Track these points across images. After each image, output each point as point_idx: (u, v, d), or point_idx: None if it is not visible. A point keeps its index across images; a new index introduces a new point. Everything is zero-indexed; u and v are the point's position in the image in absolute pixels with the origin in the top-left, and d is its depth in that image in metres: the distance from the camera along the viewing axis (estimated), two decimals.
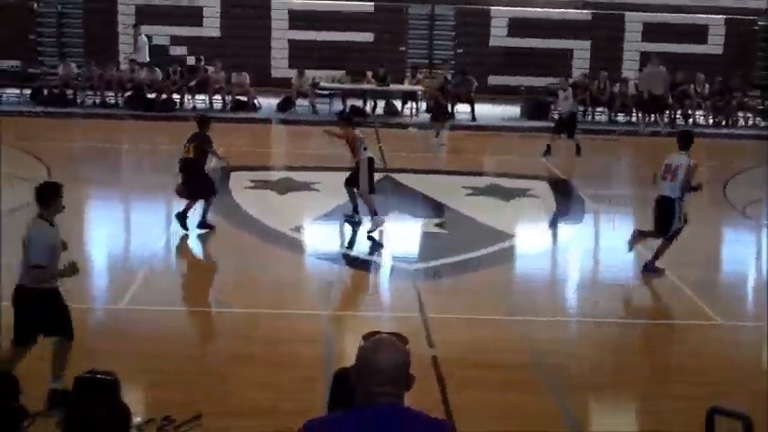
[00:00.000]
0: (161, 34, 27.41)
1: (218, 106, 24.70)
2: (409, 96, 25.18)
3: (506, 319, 9.94)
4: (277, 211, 13.58)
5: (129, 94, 24.46)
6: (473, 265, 11.97)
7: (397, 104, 25.21)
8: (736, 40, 28.69)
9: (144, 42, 25.74)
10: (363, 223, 13.17)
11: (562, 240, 14.27)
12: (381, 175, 16.43)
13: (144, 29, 26.65)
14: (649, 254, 11.51)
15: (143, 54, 25.46)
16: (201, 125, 12.86)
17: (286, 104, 24.78)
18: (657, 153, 21.66)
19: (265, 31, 28.02)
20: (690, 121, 25.16)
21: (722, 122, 25.17)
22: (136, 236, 13.28)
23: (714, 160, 21.36)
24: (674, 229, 11.19)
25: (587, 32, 28.41)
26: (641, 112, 24.34)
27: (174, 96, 24.55)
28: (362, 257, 12.28)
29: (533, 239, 13.92)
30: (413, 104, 25.05)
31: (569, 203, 16.07)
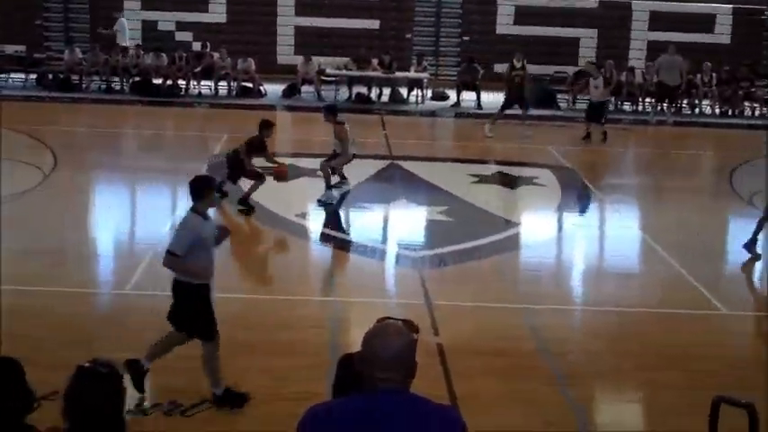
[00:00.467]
0: (167, 20, 27.38)
1: (223, 92, 24.66)
2: (415, 84, 25.11)
3: (511, 306, 9.92)
4: (282, 198, 13.56)
5: (135, 79, 24.45)
6: (478, 252, 11.96)
7: (403, 92, 25.14)
8: (744, 29, 28.52)
9: (123, 26, 25.57)
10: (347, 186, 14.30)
11: (567, 229, 14.24)
12: (386, 163, 16.42)
13: (150, 14, 26.52)
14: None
15: (121, 37, 25.36)
16: (261, 128, 13.29)
17: (291, 91, 24.74)
18: (665, 142, 21.87)
19: (271, 18, 27.88)
20: (696, 110, 25.09)
21: (729, 112, 25.06)
22: (140, 221, 13.24)
23: (720, 150, 21.37)
24: None
25: (594, 21, 28.27)
26: (655, 100, 24.14)
27: (180, 82, 24.52)
28: (367, 244, 12.26)
29: (539, 228, 13.90)
30: (418, 92, 24.99)
31: (575, 192, 16.03)
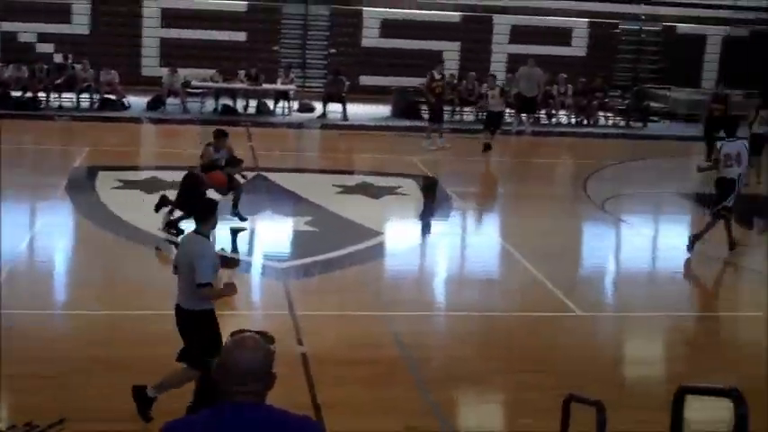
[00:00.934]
0: (28, 31, 26.60)
1: (85, 105, 24.12)
2: (282, 95, 25.16)
3: (374, 314, 10.08)
4: (145, 212, 13.35)
5: None
6: (342, 262, 12.12)
7: (270, 104, 25.16)
8: (599, 43, 29.74)
9: None
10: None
11: (429, 237, 14.58)
12: (253, 174, 16.42)
13: (9, 25, 25.75)
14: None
15: None
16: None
17: (156, 103, 24.42)
18: (524, 151, 22.56)
19: (136, 29, 27.49)
20: (553, 120, 25.93)
21: (584, 122, 26.00)
22: None
23: (576, 158, 22.22)
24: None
25: (457, 34, 28.95)
26: (515, 111, 24.78)
27: (40, 95, 23.86)
28: (233, 256, 12.23)
29: (401, 236, 14.19)
30: (285, 103, 25.03)
31: (437, 201, 16.40)
